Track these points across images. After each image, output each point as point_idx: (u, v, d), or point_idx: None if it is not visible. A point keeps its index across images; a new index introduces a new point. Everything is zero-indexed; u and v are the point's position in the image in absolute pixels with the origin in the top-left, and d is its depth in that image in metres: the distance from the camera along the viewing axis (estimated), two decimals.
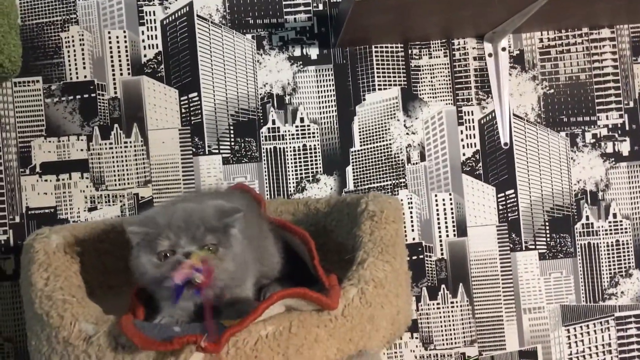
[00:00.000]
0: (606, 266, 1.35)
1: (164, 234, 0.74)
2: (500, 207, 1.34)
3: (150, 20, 1.32)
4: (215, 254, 0.75)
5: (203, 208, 0.77)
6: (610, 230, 1.35)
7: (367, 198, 1.00)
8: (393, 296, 0.88)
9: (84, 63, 1.31)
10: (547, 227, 1.35)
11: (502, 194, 1.34)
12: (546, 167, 1.35)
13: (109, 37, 1.31)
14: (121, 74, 1.31)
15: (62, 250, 0.88)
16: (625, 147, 1.35)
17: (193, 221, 0.74)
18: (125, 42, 1.31)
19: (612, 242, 1.35)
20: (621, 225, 1.35)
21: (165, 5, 1.32)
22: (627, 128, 1.35)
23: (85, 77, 1.31)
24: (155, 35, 1.32)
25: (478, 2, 1.08)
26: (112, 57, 1.31)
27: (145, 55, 1.32)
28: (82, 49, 1.31)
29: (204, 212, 0.76)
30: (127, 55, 1.31)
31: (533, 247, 1.34)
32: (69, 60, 1.31)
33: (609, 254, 1.35)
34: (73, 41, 1.31)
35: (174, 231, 0.74)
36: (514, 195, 1.35)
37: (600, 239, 1.35)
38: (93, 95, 1.31)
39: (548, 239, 1.35)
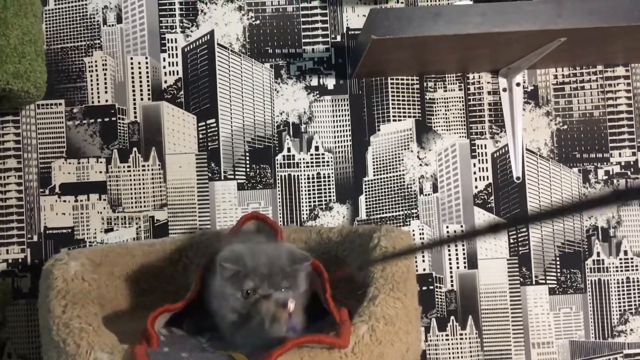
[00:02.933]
0: (616, 303, 1.35)
1: (250, 276, 0.86)
2: (512, 241, 1.35)
3: (172, 47, 1.35)
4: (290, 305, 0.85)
5: (279, 254, 0.90)
6: (621, 267, 1.35)
7: (380, 233, 1.01)
8: (403, 333, 0.89)
9: (105, 87, 1.34)
10: (558, 262, 1.35)
11: (514, 228, 1.35)
12: (558, 204, 1.36)
13: (131, 63, 1.34)
14: (141, 99, 1.34)
15: (80, 278, 0.90)
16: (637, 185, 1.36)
17: (273, 267, 0.87)
18: (147, 68, 1.34)
19: (622, 279, 1.35)
20: (632, 262, 1.35)
21: (187, 33, 1.35)
22: (639, 166, 1.36)
23: (106, 101, 1.34)
24: (176, 62, 1.35)
25: (493, 43, 1.10)
26: (133, 82, 1.34)
27: (165, 81, 1.35)
28: (105, 74, 1.34)
29: (280, 259, 0.89)
30: (147, 81, 1.34)
31: (543, 281, 1.35)
32: (92, 84, 1.34)
33: (619, 290, 1.35)
34: (96, 66, 1.34)
35: (259, 275, 0.86)
36: (525, 229, 1.35)
37: (610, 275, 1.35)
38: (113, 119, 1.34)
39: (558, 274, 1.35)
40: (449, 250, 1.35)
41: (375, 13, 1.02)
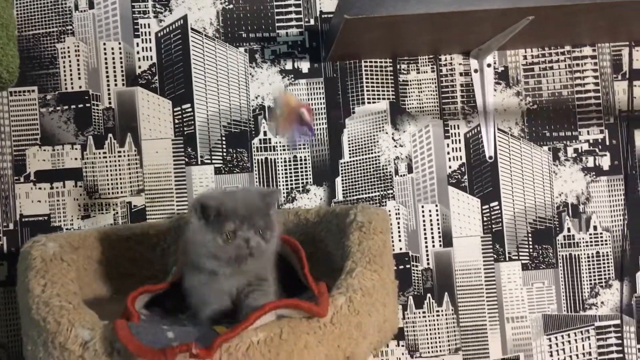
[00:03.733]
0: (587, 277, 1.39)
1: (231, 218, 0.85)
2: (485, 219, 1.38)
3: (145, 32, 1.35)
4: (263, 238, 0.87)
5: (251, 195, 0.91)
6: (591, 242, 1.39)
7: (356, 209, 1.03)
8: (380, 305, 0.91)
9: (79, 73, 1.33)
10: (530, 239, 1.39)
11: (487, 206, 1.38)
12: (529, 180, 1.39)
13: (104, 49, 1.34)
14: (116, 85, 1.34)
15: (59, 258, 0.91)
16: (605, 162, 1.40)
17: (249, 207, 0.87)
18: (120, 53, 1.34)
19: (592, 253, 1.39)
20: (601, 237, 1.39)
21: (160, 18, 1.35)
22: (607, 143, 1.40)
23: (80, 87, 1.33)
24: (150, 48, 1.35)
25: (464, 22, 1.12)
26: (107, 68, 1.34)
27: (139, 67, 1.34)
28: (78, 60, 1.33)
29: (253, 198, 0.89)
30: (121, 67, 1.34)
31: (516, 257, 1.38)
32: (65, 71, 1.33)
33: (589, 265, 1.39)
34: (69, 52, 1.33)
35: (239, 217, 0.85)
36: (498, 207, 1.38)
37: (581, 250, 1.39)
38: (88, 105, 1.33)
39: (531, 250, 1.39)
40: (425, 230, 1.37)
41: None
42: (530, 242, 1.39)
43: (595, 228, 1.39)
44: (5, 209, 1.31)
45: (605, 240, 1.39)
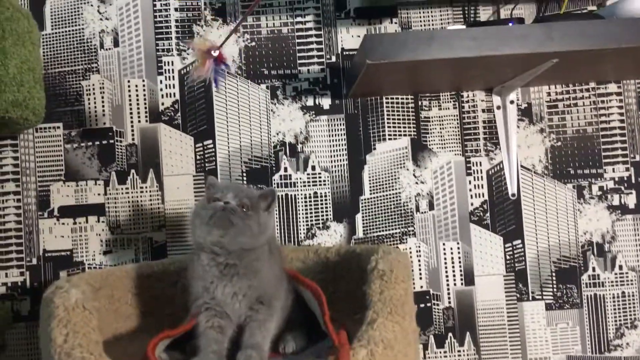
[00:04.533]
0: (612, 317, 1.36)
1: (220, 189, 0.98)
2: (508, 257, 1.36)
3: (169, 70, 1.36)
4: (245, 212, 0.96)
5: (250, 189, 1.06)
6: (616, 281, 1.36)
7: (377, 255, 1.02)
8: (402, 356, 0.90)
9: (103, 110, 1.35)
10: (554, 278, 1.36)
11: (510, 244, 1.36)
12: (553, 218, 1.37)
13: (129, 86, 1.36)
14: (139, 121, 1.35)
15: (81, 306, 0.91)
16: (631, 200, 1.37)
17: (240, 190, 0.99)
18: (144, 90, 1.36)
19: (618, 293, 1.36)
20: (627, 277, 1.37)
21: (184, 55, 1.36)
22: (633, 181, 1.38)
23: (104, 123, 1.35)
24: (173, 85, 1.36)
25: (487, 64, 1.11)
26: (130, 104, 1.35)
27: (162, 104, 1.36)
28: (102, 97, 1.35)
29: (249, 189, 1.02)
30: (145, 103, 1.35)
31: (540, 297, 1.36)
32: (89, 108, 1.35)
33: (614, 305, 1.36)
34: (94, 89, 1.35)
35: (225, 191, 0.97)
36: (521, 245, 1.37)
37: (606, 290, 1.36)
38: (111, 141, 1.35)
39: (555, 290, 1.36)
40: (446, 268, 1.36)
41: (370, 38, 1.04)
42: (554, 282, 1.36)
43: (620, 267, 1.37)
44: (29, 244, 1.33)
45: (631, 280, 1.37)
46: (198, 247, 0.99)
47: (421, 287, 1.35)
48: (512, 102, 1.38)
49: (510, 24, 1.12)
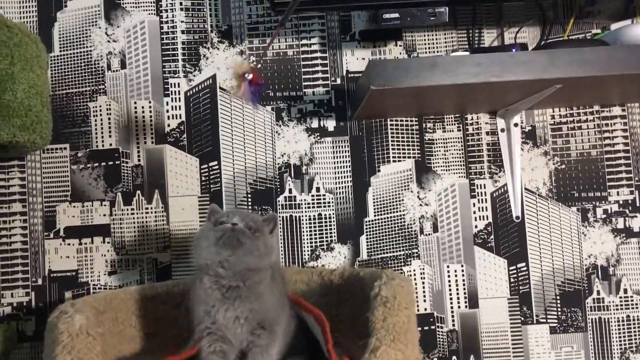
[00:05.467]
0: (617, 341, 1.35)
1: (224, 216, 1.01)
2: (512, 280, 1.36)
3: (175, 91, 1.37)
4: (253, 233, 0.99)
5: (253, 213, 1.11)
6: (621, 305, 1.36)
7: (381, 281, 1.02)
8: None
9: (110, 131, 1.36)
10: (559, 301, 1.36)
11: (514, 267, 1.36)
12: (557, 241, 1.37)
13: (135, 107, 1.37)
14: (145, 142, 1.36)
15: (85, 332, 0.92)
16: (636, 223, 1.37)
17: (245, 214, 1.02)
18: (150, 112, 1.37)
19: (623, 317, 1.36)
20: (632, 300, 1.36)
21: (190, 77, 1.37)
22: (637, 204, 1.37)
23: (110, 145, 1.36)
24: (179, 106, 1.37)
25: (491, 89, 1.12)
26: (137, 126, 1.37)
27: (168, 125, 1.37)
28: (109, 118, 1.36)
29: (253, 214, 1.05)
30: (151, 125, 1.37)
31: (544, 320, 1.35)
32: (96, 129, 1.36)
33: (619, 329, 1.35)
34: (100, 110, 1.36)
35: (231, 215, 1.00)
36: (525, 268, 1.36)
37: (611, 314, 1.36)
38: (117, 162, 1.36)
39: (559, 313, 1.36)
40: (450, 290, 1.36)
41: (374, 64, 1.04)
42: (559, 305, 1.36)
43: (625, 291, 1.36)
44: (35, 264, 1.33)
45: (636, 304, 1.36)
46: (201, 270, 0.99)
47: (425, 309, 1.35)
48: (516, 124, 1.38)
49: (514, 50, 1.13)
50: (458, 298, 1.36)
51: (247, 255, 0.96)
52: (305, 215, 1.37)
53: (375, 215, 1.37)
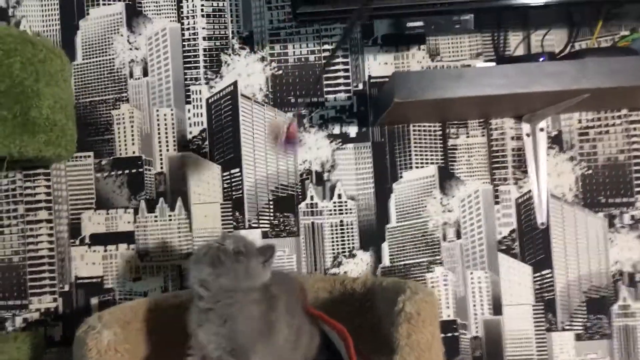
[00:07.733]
0: None
1: (221, 239, 1.00)
2: (537, 287, 1.35)
3: (197, 98, 1.37)
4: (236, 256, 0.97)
5: (248, 240, 1.03)
6: None
7: (404, 296, 1.02)
8: None
9: (133, 139, 1.37)
10: (584, 308, 1.34)
11: (539, 274, 1.35)
12: (583, 248, 1.35)
13: (157, 115, 1.37)
14: (167, 150, 1.37)
15: (113, 349, 0.93)
16: None
17: (241, 239, 1.00)
18: (172, 119, 1.37)
19: None
20: None
21: (211, 84, 1.37)
22: None
23: (133, 152, 1.37)
24: (201, 113, 1.37)
25: (517, 99, 1.10)
26: (159, 133, 1.37)
27: (190, 132, 1.37)
28: (132, 126, 1.37)
29: (252, 242, 1.02)
30: (173, 132, 1.37)
31: (569, 327, 1.34)
32: (119, 137, 1.37)
33: None
34: (123, 118, 1.37)
35: (227, 238, 1.00)
36: (550, 275, 1.35)
37: (637, 321, 1.34)
38: (140, 170, 1.36)
39: (585, 320, 1.34)
40: (474, 297, 1.35)
41: (398, 76, 1.03)
42: (584, 312, 1.34)
43: None
44: (61, 270, 1.35)
45: None
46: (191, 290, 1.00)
47: (448, 316, 1.35)
48: (542, 129, 1.35)
49: (542, 59, 1.11)
50: (482, 305, 1.35)
51: (225, 275, 0.95)
52: (327, 222, 1.37)
53: (397, 222, 1.36)
